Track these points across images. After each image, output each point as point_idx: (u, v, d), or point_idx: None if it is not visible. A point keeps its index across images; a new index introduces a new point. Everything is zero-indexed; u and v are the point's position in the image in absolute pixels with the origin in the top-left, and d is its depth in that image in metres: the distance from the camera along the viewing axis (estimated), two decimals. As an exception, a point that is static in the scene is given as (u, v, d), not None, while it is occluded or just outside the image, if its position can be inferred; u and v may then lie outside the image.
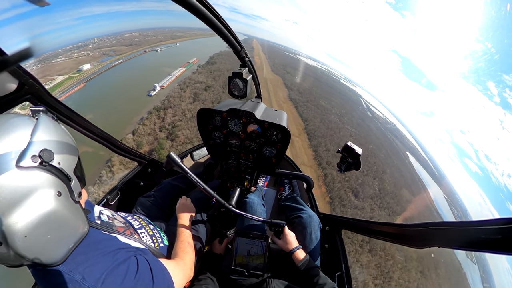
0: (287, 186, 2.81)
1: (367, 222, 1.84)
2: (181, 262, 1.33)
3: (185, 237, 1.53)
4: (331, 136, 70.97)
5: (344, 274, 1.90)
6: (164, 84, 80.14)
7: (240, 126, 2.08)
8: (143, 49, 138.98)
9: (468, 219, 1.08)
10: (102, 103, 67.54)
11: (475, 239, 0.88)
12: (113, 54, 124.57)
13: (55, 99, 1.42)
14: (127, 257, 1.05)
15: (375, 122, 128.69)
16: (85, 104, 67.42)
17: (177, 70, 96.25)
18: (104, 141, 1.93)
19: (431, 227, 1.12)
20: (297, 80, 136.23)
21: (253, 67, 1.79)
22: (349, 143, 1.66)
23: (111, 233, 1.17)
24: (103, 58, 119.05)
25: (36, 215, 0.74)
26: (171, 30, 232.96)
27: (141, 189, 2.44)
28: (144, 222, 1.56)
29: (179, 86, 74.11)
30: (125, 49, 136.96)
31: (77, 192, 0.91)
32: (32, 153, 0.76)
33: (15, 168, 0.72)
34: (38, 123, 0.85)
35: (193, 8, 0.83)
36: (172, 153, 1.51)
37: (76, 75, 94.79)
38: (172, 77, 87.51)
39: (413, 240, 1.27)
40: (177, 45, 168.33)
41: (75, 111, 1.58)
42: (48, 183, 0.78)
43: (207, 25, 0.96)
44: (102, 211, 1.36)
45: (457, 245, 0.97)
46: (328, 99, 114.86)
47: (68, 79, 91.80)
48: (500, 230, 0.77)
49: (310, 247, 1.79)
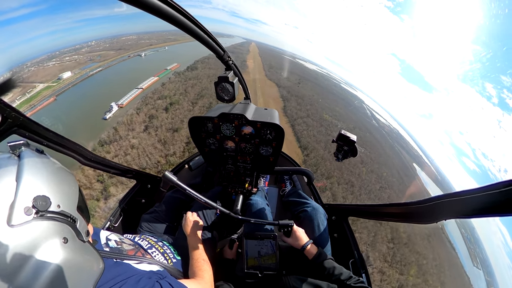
0: (288, 182, 2.83)
1: (372, 206, 1.87)
2: (202, 281, 1.34)
3: (199, 254, 1.53)
4: (341, 170, 52.21)
5: (358, 260, 1.93)
6: (124, 101, 63.89)
7: (233, 129, 2.07)
8: (128, 54, 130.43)
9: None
10: (57, 129, 50.95)
11: (481, 206, 0.90)
12: (98, 60, 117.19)
13: (43, 126, 1.34)
14: (150, 285, 1.01)
15: (381, 132, 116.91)
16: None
17: (147, 80, 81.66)
18: (97, 164, 1.88)
19: (439, 201, 1.13)
20: (296, 86, 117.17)
21: (238, 69, 1.81)
22: (343, 131, 1.67)
23: (124, 260, 1.13)
24: (86, 65, 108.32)
25: (46, 272, 0.63)
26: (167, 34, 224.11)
27: (143, 206, 2.40)
28: (152, 241, 1.56)
29: (138, 104, 59.50)
30: (112, 54, 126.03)
31: (84, 232, 0.79)
32: (24, 205, 0.63)
33: (8, 228, 0.60)
34: (22, 163, 0.70)
35: (164, 14, 0.79)
36: (167, 172, 1.51)
37: (54, 85, 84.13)
38: (138, 90, 72.16)
39: (422, 216, 1.28)
40: (165, 49, 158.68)
41: (65, 137, 1.51)
42: (51, 232, 0.66)
43: (187, 33, 0.93)
44: (108, 236, 1.32)
45: (464, 214, 1.00)
46: (332, 110, 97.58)
47: (45, 88, 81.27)
48: (503, 192, 0.80)
49: (320, 239, 1.81)
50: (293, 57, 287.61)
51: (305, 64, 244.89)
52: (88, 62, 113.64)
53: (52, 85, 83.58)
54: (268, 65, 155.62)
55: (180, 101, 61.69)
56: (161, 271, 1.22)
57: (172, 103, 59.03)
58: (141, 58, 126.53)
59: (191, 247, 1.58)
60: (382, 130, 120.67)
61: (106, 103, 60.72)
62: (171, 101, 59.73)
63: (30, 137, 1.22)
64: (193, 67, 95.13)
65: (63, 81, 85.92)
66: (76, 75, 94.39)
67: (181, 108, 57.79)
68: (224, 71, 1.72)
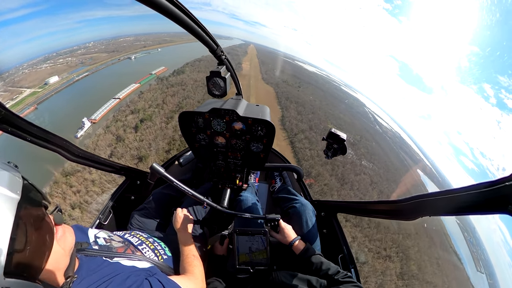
0: (278, 178, 2.87)
1: (360, 203, 1.90)
2: (192, 276, 1.34)
3: (189, 250, 1.53)
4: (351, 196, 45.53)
5: (347, 255, 1.96)
6: (98, 115, 56.04)
7: (224, 125, 2.05)
8: (119, 57, 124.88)
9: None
10: (24, 151, 27.60)
11: (461, 204, 0.95)
12: (88, 63, 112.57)
13: (26, 121, 1.24)
14: (139, 282, 1.00)
15: (385, 139, 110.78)
16: (9, 147, 33.58)
17: (127, 88, 73.84)
18: (86, 160, 1.82)
19: (420, 199, 1.19)
20: (296, 91, 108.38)
21: (231, 64, 1.81)
22: (333, 130, 1.71)
23: (113, 258, 1.13)
24: (76, 68, 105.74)
25: None
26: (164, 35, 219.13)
27: (133, 203, 2.36)
28: (142, 237, 1.53)
29: (109, 120, 51.80)
30: (104, 57, 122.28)
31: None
32: None
33: None
34: None
35: (161, 7, 0.78)
36: (155, 164, 1.51)
37: (39, 91, 79.88)
38: (115, 101, 64.06)
39: (405, 214, 1.35)
40: (158, 51, 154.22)
41: (50, 132, 1.43)
42: None
43: (179, 25, 0.92)
44: (97, 234, 1.30)
45: (445, 212, 1.04)
46: (336, 117, 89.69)
47: (31, 94, 77.24)
48: (482, 193, 0.84)
49: (308, 235, 1.84)
50: (292, 59, 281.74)
51: (304, 66, 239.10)
52: (78, 65, 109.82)
53: (37, 91, 79.30)
54: (266, 67, 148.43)
55: (154, 116, 54.09)
56: (151, 268, 1.21)
57: (143, 119, 51.64)
58: (131, 61, 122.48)
59: (181, 243, 1.57)
60: (386, 136, 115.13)
61: (82, 115, 54.48)
62: (143, 117, 52.32)
63: (12, 132, 1.14)
64: (180, 71, 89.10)
65: (48, 87, 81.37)
66: (62, 80, 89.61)
67: (152, 126, 50.30)
68: (217, 65, 1.69)
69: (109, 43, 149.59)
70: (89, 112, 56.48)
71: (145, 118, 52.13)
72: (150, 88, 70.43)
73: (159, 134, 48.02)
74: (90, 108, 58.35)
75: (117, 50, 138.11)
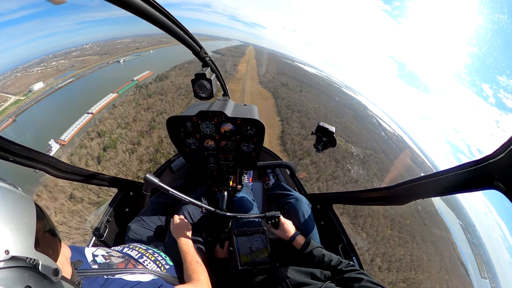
0: (271, 175, 2.88)
1: (354, 192, 1.95)
2: (199, 283, 1.33)
3: (192, 257, 1.51)
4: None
5: (347, 244, 1.99)
6: (68, 135, 47.71)
7: (213, 127, 2.03)
8: (107, 60, 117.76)
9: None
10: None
11: (450, 184, 0.98)
12: (78, 67, 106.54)
13: (7, 140, 1.14)
14: None
15: (390, 144, 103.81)
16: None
17: (103, 99, 63.74)
18: (74, 176, 1.77)
19: (411, 184, 1.22)
20: (298, 95, 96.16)
21: (215, 65, 1.80)
22: (321, 123, 1.73)
23: (115, 275, 1.09)
24: (65, 72, 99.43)
25: None
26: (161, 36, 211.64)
27: (128, 215, 2.31)
28: (142, 249, 1.50)
29: (75, 146, 43.23)
30: (94, 60, 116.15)
31: (51, 270, 0.64)
32: None
33: None
34: None
35: (134, 8, 0.75)
36: (148, 175, 1.51)
37: (22, 99, 73.90)
38: (88, 116, 55.12)
39: (398, 199, 1.38)
40: (150, 53, 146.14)
41: (33, 149, 1.33)
42: (6, 285, 0.53)
43: (158, 27, 0.90)
44: (94, 252, 1.24)
45: (436, 193, 1.08)
46: (343, 127, 77.31)
47: (14, 103, 71.09)
48: (469, 172, 0.88)
49: (307, 228, 1.85)
50: (292, 60, 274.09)
51: (305, 68, 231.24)
52: (68, 69, 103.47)
53: (21, 99, 73.86)
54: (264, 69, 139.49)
55: (118, 141, 43.97)
56: (156, 280, 1.19)
57: (106, 147, 42.03)
58: (119, 65, 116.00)
59: (182, 251, 1.56)
60: (392, 143, 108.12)
61: (52, 134, 46.83)
62: (107, 143, 42.93)
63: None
64: (163, 76, 78.54)
65: (31, 95, 75.94)
66: (47, 86, 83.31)
67: (114, 158, 40.86)
68: (201, 67, 1.69)
69: (106, 44, 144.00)
70: (60, 130, 48.74)
71: (108, 145, 42.45)
72: (125, 100, 60.37)
73: (120, 170, 38.69)
74: (63, 124, 51.06)
75: (109, 52, 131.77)
